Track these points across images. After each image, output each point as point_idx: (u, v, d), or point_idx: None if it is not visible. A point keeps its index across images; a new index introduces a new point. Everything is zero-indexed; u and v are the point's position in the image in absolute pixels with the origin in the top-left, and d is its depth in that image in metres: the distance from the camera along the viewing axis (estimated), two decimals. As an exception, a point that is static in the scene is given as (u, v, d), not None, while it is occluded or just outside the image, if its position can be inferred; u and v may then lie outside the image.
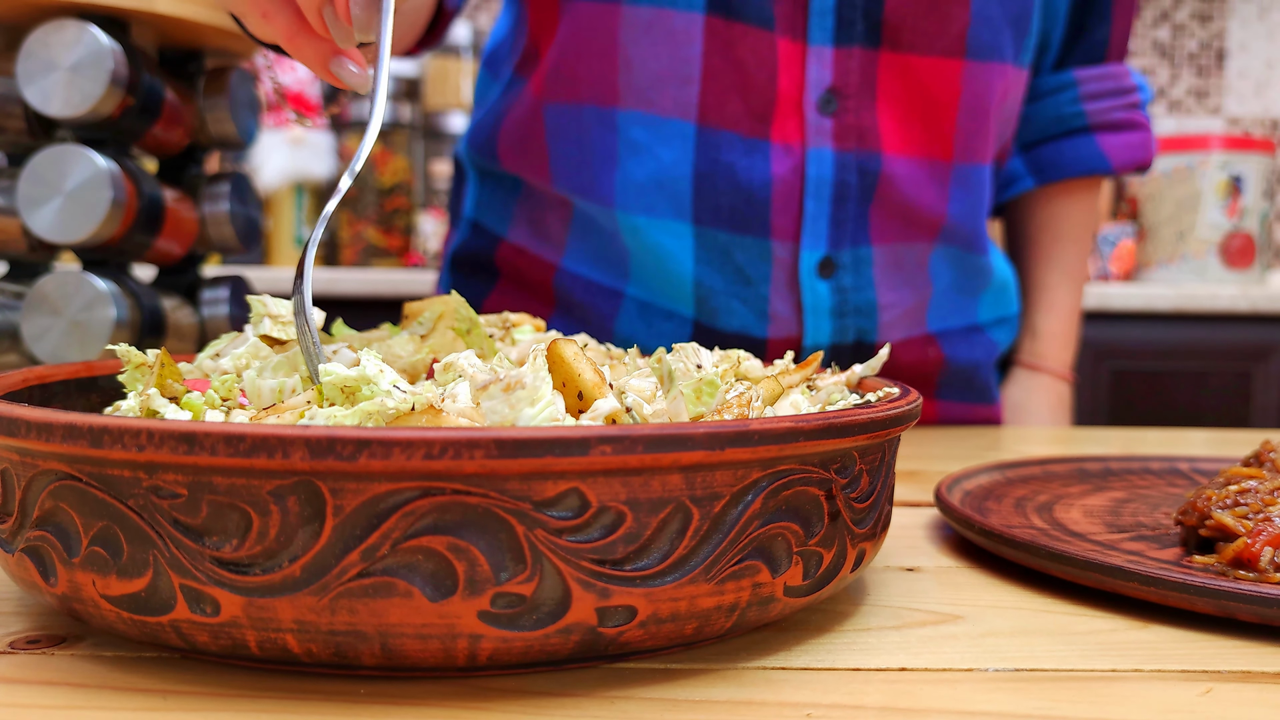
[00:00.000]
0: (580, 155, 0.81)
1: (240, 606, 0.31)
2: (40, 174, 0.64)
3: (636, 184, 0.79)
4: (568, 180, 0.82)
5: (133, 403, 0.41)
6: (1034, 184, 0.96)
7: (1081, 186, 0.97)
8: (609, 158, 0.80)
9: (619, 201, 0.80)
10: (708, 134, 0.78)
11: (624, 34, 0.77)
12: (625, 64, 0.78)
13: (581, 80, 0.79)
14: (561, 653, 0.32)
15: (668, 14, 0.76)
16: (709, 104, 0.77)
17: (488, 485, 0.30)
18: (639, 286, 0.83)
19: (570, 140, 0.81)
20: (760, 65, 0.76)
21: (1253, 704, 0.33)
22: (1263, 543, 0.43)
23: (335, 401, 0.38)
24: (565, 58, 0.80)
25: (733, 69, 0.76)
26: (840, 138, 0.78)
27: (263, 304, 0.45)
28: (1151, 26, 2.51)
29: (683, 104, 0.77)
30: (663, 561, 0.32)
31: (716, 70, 0.76)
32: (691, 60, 0.76)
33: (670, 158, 0.78)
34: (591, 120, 0.80)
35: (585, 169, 0.81)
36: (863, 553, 0.39)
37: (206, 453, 0.29)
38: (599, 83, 0.79)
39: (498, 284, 0.90)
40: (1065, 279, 0.98)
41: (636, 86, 0.78)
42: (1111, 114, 0.93)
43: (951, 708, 0.32)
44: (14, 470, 0.34)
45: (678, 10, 0.76)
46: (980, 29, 0.78)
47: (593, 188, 0.81)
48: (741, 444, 0.32)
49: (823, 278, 0.80)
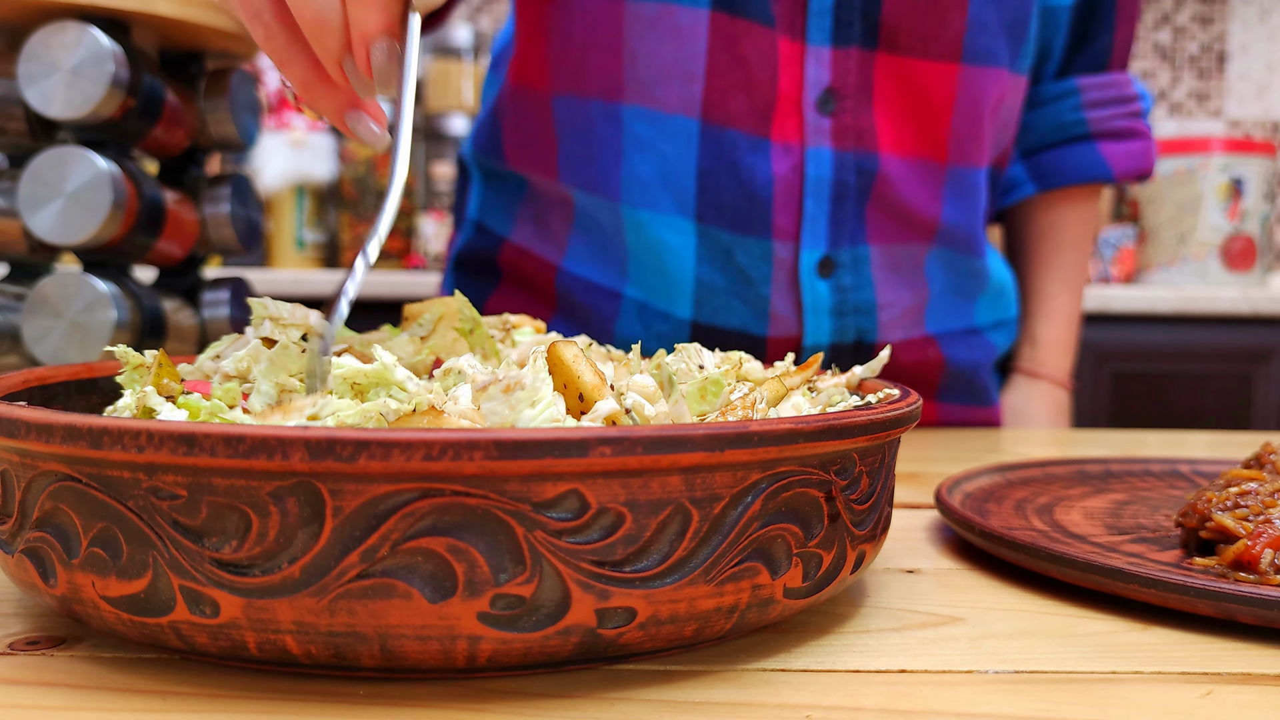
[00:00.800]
0: (587, 149, 0.81)
1: (240, 608, 0.31)
2: (41, 175, 0.64)
3: (641, 179, 0.79)
4: (573, 174, 0.82)
5: (129, 400, 0.41)
6: (1035, 190, 0.96)
7: (1082, 194, 0.97)
8: (614, 152, 0.80)
9: (624, 196, 0.80)
10: (711, 131, 0.78)
11: (629, 29, 0.77)
12: (630, 59, 0.78)
13: (588, 73, 0.80)
14: (561, 654, 0.32)
15: (673, 10, 0.76)
16: (713, 101, 0.77)
17: (487, 486, 0.30)
18: (638, 287, 0.83)
19: (577, 134, 0.81)
20: (762, 63, 0.76)
21: (1253, 706, 0.33)
22: (1263, 545, 0.43)
23: (344, 397, 0.38)
24: (571, 50, 0.80)
25: (736, 66, 0.76)
26: (839, 137, 0.78)
27: (264, 306, 0.45)
28: (1152, 29, 2.51)
29: (687, 100, 0.77)
30: (662, 563, 0.32)
31: (720, 67, 0.77)
32: (696, 56, 0.77)
33: (674, 154, 0.78)
34: (597, 114, 0.80)
35: (591, 163, 0.81)
36: (863, 554, 0.39)
37: (206, 454, 0.29)
38: (604, 77, 0.79)
39: (500, 285, 0.90)
40: (1065, 287, 0.98)
41: (642, 82, 0.78)
42: (1113, 122, 0.94)
43: (951, 709, 0.32)
44: (14, 471, 0.34)
45: (683, 6, 0.76)
46: (976, 34, 0.78)
47: (598, 182, 0.81)
48: (741, 445, 0.32)
49: (822, 277, 0.80)
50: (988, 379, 0.93)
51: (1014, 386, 0.99)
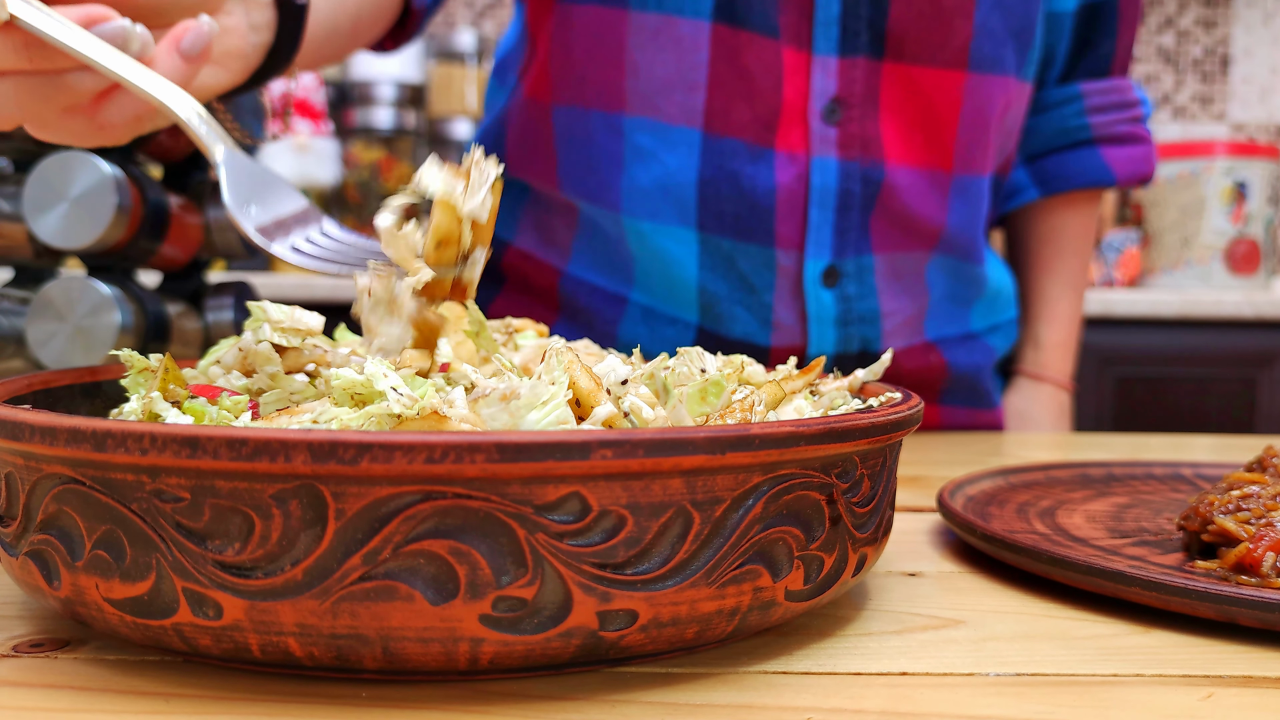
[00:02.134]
0: (588, 159, 0.81)
1: (243, 610, 0.31)
2: (46, 180, 0.64)
3: (642, 189, 0.80)
4: (574, 184, 0.82)
5: (135, 406, 0.41)
6: (1038, 195, 0.96)
7: (1084, 198, 0.98)
8: (615, 163, 0.80)
9: (625, 206, 0.80)
10: (713, 141, 0.78)
11: (631, 40, 0.77)
12: (633, 70, 0.78)
13: (589, 84, 0.80)
14: (562, 656, 0.32)
15: (675, 21, 0.76)
16: (715, 111, 0.77)
17: (489, 489, 0.30)
18: (643, 292, 0.83)
19: (578, 144, 0.81)
20: (766, 74, 0.76)
21: (1254, 709, 0.33)
22: (1265, 548, 0.43)
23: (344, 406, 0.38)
24: (573, 61, 0.80)
25: (739, 77, 0.77)
26: (844, 147, 0.78)
27: (262, 310, 0.45)
28: (1156, 32, 2.51)
29: (689, 111, 0.78)
30: (664, 565, 0.32)
31: (723, 78, 0.77)
32: (698, 67, 0.77)
33: (676, 164, 0.79)
34: (599, 125, 0.80)
35: (592, 173, 0.81)
36: (864, 557, 0.39)
37: (209, 456, 0.29)
38: (606, 88, 0.79)
39: (503, 289, 0.90)
40: (1067, 290, 0.98)
41: (643, 92, 0.78)
42: (1115, 127, 0.94)
43: (952, 712, 0.32)
44: (18, 474, 0.34)
45: (685, 18, 0.76)
46: (983, 42, 0.78)
47: (599, 192, 0.81)
48: (742, 448, 0.32)
49: (827, 286, 0.81)
50: (989, 382, 0.93)
51: (1016, 389, 0.99)
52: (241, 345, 0.45)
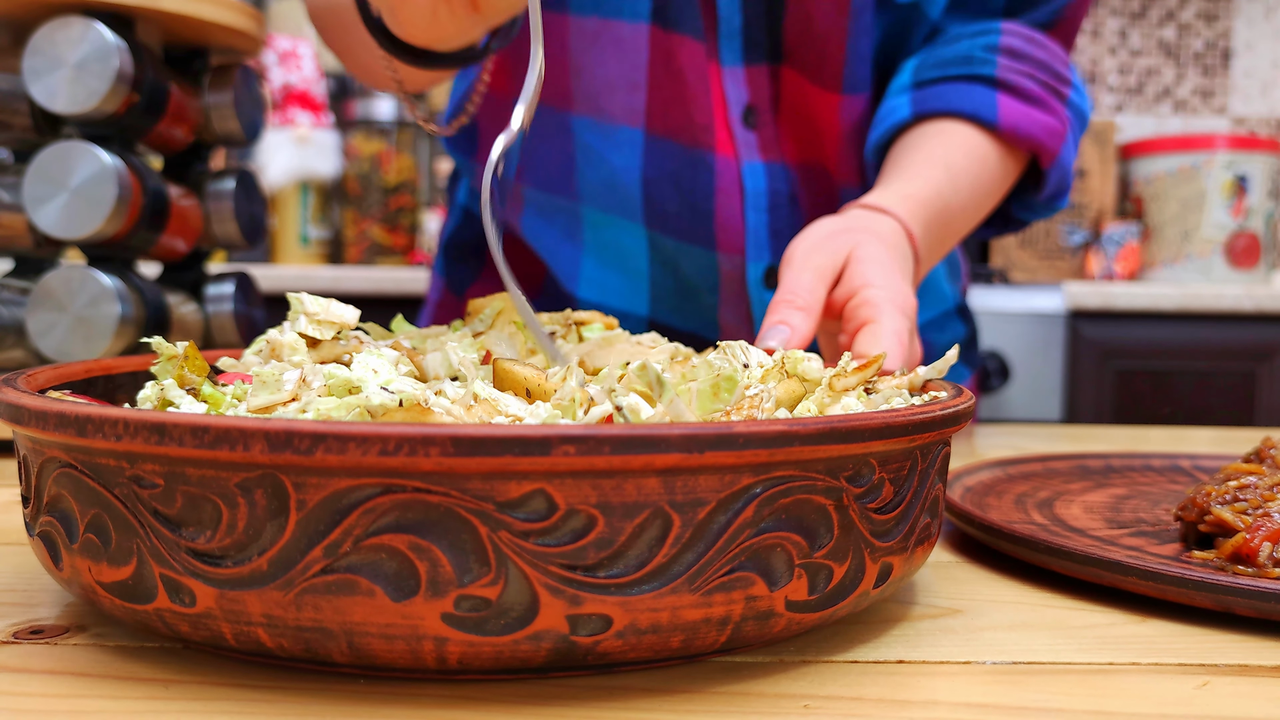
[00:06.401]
0: (543, 155, 0.82)
1: (214, 598, 0.31)
2: (46, 170, 0.64)
3: (593, 185, 0.81)
4: (533, 177, 0.84)
5: (149, 393, 0.41)
6: (909, 113, 0.76)
7: (957, 130, 0.75)
8: (568, 160, 0.81)
9: (581, 197, 0.82)
10: (655, 142, 0.79)
11: (574, 43, 0.78)
12: (575, 71, 0.79)
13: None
14: (535, 660, 0.31)
15: (614, 24, 0.77)
16: (655, 113, 0.78)
17: (448, 484, 0.29)
18: (593, 289, 0.85)
19: (533, 139, 0.82)
20: (698, 79, 0.77)
21: (1249, 697, 0.33)
22: (1261, 538, 0.43)
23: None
24: (522, 60, 0.80)
25: (674, 80, 0.78)
26: (765, 150, 0.79)
27: (299, 301, 0.45)
28: (1157, 26, 2.51)
29: (631, 111, 0.78)
30: (639, 569, 0.30)
31: (660, 80, 0.78)
32: (639, 68, 0.78)
33: (621, 163, 0.80)
34: (550, 122, 0.81)
35: (548, 168, 0.82)
36: (889, 567, 0.36)
37: (175, 443, 0.29)
38: (554, 88, 0.80)
39: (484, 270, 0.91)
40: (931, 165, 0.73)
41: (588, 93, 0.79)
42: (1023, 80, 0.76)
43: (949, 700, 0.33)
44: (30, 456, 0.35)
45: (624, 20, 0.77)
46: (856, 66, 0.78)
47: (556, 186, 0.83)
48: (724, 447, 0.30)
49: (769, 288, 0.81)
50: None
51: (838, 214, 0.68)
52: (269, 337, 0.45)
